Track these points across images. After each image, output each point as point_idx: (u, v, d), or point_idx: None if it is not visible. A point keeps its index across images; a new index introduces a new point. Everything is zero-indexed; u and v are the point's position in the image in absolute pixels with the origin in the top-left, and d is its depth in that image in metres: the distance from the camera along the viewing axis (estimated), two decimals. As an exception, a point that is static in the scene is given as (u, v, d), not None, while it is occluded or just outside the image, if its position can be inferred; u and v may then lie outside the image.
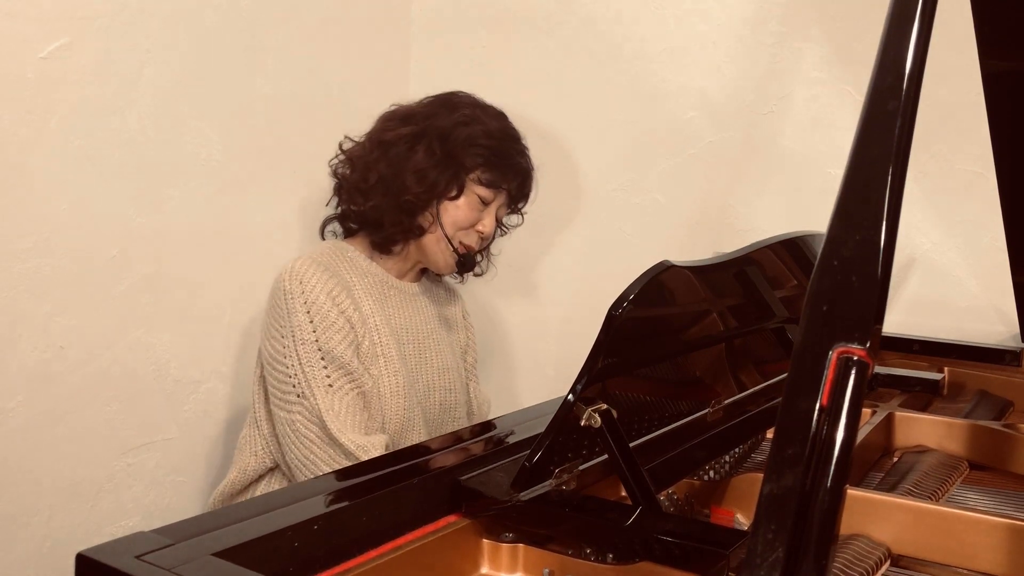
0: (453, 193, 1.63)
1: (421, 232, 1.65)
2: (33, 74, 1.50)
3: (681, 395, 1.21)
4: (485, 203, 1.66)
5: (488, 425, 1.28)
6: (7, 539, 1.54)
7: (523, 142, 1.72)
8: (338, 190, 1.70)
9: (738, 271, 1.22)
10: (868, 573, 0.94)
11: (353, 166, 1.67)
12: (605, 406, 1.00)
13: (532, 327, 2.19)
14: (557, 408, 0.99)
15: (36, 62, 1.51)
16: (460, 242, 1.66)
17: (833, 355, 0.64)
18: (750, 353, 1.36)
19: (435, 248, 1.66)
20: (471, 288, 1.90)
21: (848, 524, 1.01)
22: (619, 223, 2.05)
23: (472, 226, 1.67)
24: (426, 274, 1.78)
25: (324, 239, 1.73)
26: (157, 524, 0.87)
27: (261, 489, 1.59)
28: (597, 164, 2.07)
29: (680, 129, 1.96)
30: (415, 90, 2.07)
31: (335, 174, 1.71)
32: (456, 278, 1.81)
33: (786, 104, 1.86)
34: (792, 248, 1.33)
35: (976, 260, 1.72)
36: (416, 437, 1.61)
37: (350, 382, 1.51)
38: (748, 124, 1.90)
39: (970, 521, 0.98)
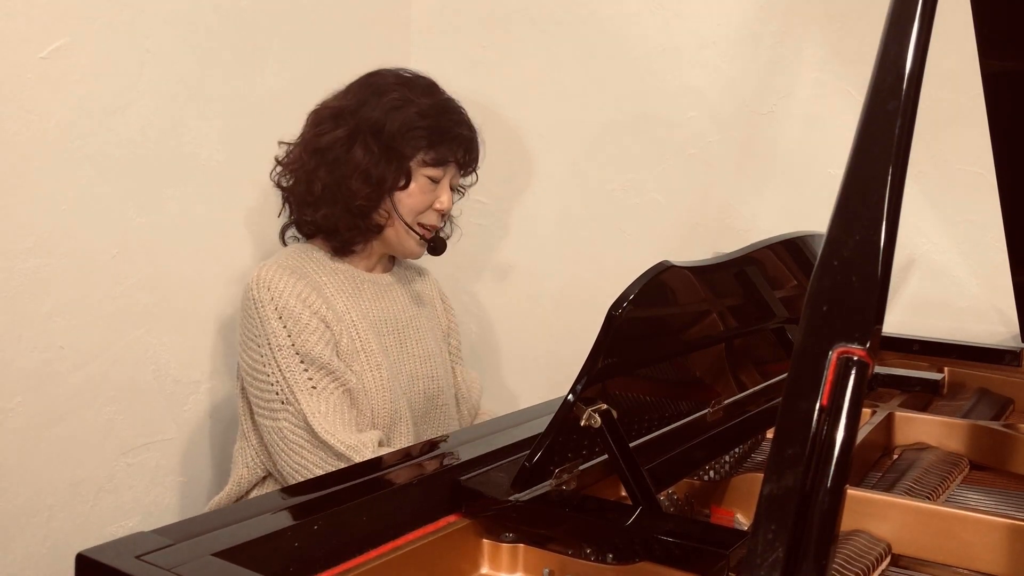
0: (402, 183, 1.59)
1: (379, 229, 1.61)
2: (33, 74, 1.50)
3: (681, 395, 1.21)
4: (436, 181, 1.62)
5: (488, 425, 1.28)
6: (7, 539, 1.54)
7: (458, 107, 1.66)
8: (286, 201, 1.65)
9: (738, 271, 1.22)
10: (868, 569, 0.94)
11: (295, 177, 1.62)
12: (605, 406, 1.00)
13: (532, 327, 2.19)
14: (557, 408, 0.99)
15: (36, 62, 1.51)
16: (420, 224, 1.63)
17: (833, 355, 0.64)
18: (750, 353, 1.36)
19: (398, 239, 1.63)
20: (470, 288, 1.90)
21: (848, 524, 1.01)
22: (619, 223, 2.05)
23: (429, 207, 1.63)
24: (397, 262, 1.74)
25: (286, 244, 1.69)
26: (157, 524, 0.87)
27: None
28: (597, 164, 2.07)
29: (680, 129, 1.96)
30: (415, 90, 2.07)
31: (278, 186, 1.65)
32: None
33: (786, 104, 1.86)
34: (792, 248, 1.33)
35: (976, 260, 1.72)
36: (404, 430, 1.59)
37: (333, 381, 1.48)
38: (748, 124, 1.90)
39: (970, 521, 0.98)
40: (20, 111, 1.49)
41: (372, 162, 1.57)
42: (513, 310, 2.21)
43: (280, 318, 1.48)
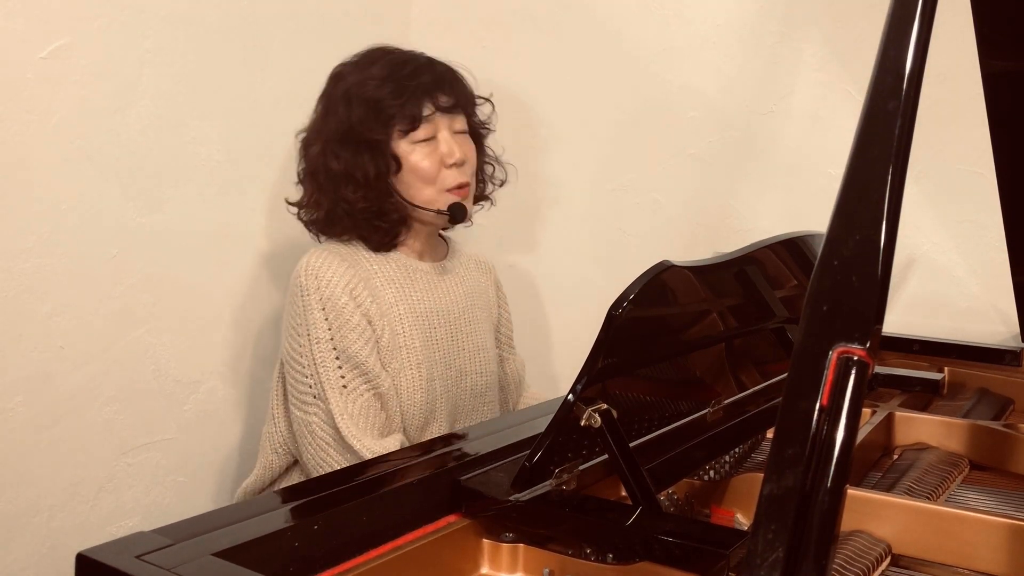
0: (392, 169, 1.53)
1: (403, 220, 1.56)
2: (33, 74, 1.50)
3: (681, 395, 1.21)
4: (430, 141, 1.53)
5: (488, 425, 1.28)
6: (7, 539, 1.54)
7: (414, 56, 1.56)
8: (315, 235, 1.61)
9: (738, 271, 1.22)
10: (868, 569, 0.94)
11: (306, 210, 1.59)
12: (605, 406, 1.00)
13: (532, 327, 2.19)
14: (557, 408, 0.99)
15: (36, 62, 1.51)
16: (448, 190, 1.54)
17: (833, 355, 0.65)
18: (750, 353, 1.36)
19: (423, 221, 1.57)
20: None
21: (848, 524, 1.02)
22: (619, 223, 2.05)
23: (440, 169, 1.54)
24: (453, 249, 1.70)
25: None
26: (157, 524, 0.87)
27: (286, 484, 1.57)
28: (597, 164, 2.07)
29: (680, 129, 1.96)
30: (415, 90, 2.07)
31: (305, 223, 1.61)
32: (469, 223, 1.67)
33: (786, 104, 1.86)
34: (792, 248, 1.33)
35: (976, 260, 1.72)
36: (436, 430, 1.56)
37: (365, 383, 1.47)
38: (748, 124, 1.90)
39: (970, 521, 0.98)
40: (20, 111, 1.49)
41: (349, 165, 1.52)
42: (513, 310, 2.21)
43: (323, 309, 1.46)
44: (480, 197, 1.69)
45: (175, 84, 1.70)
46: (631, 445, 1.01)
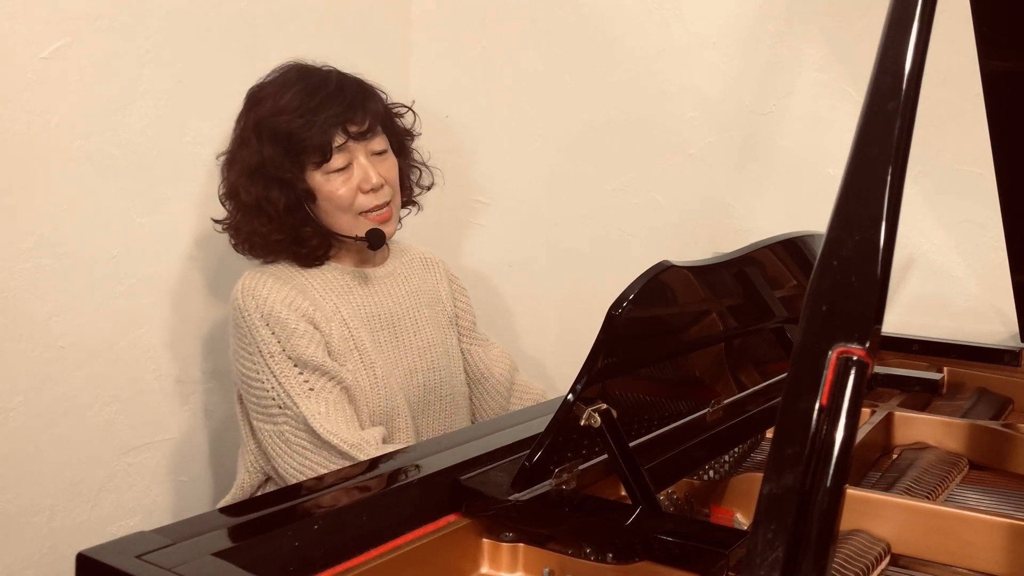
0: (309, 199, 1.53)
1: (324, 241, 1.57)
2: (33, 74, 1.50)
3: (681, 395, 1.21)
4: (344, 170, 1.53)
5: (488, 425, 1.28)
6: (7, 539, 1.54)
7: (324, 78, 1.54)
8: (242, 253, 1.61)
9: (738, 271, 1.22)
10: (868, 569, 0.94)
11: (232, 232, 1.59)
12: (605, 406, 1.00)
13: (532, 327, 2.19)
14: (557, 408, 0.99)
15: (36, 62, 1.51)
16: (362, 213, 1.54)
17: (833, 355, 0.65)
18: (750, 353, 1.36)
19: (347, 247, 1.59)
20: (469, 287, 1.89)
21: (848, 524, 1.02)
22: (619, 223, 2.05)
23: (356, 195, 1.53)
24: (395, 251, 1.71)
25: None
26: (157, 524, 0.87)
27: None
28: (597, 164, 2.07)
29: (680, 129, 1.96)
30: (415, 90, 2.07)
31: (234, 247, 1.61)
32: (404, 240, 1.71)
33: (786, 104, 1.86)
34: (792, 248, 1.34)
35: (976, 260, 1.72)
36: (403, 424, 1.57)
37: (329, 380, 1.47)
38: (748, 124, 1.90)
39: (969, 521, 0.98)
40: (20, 111, 1.49)
41: (259, 198, 1.52)
42: (513, 309, 2.21)
43: (267, 324, 1.47)
44: (407, 203, 1.70)
45: (175, 84, 1.70)
46: (631, 445, 1.01)
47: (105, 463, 1.67)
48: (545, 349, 2.18)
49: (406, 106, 1.68)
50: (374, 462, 1.08)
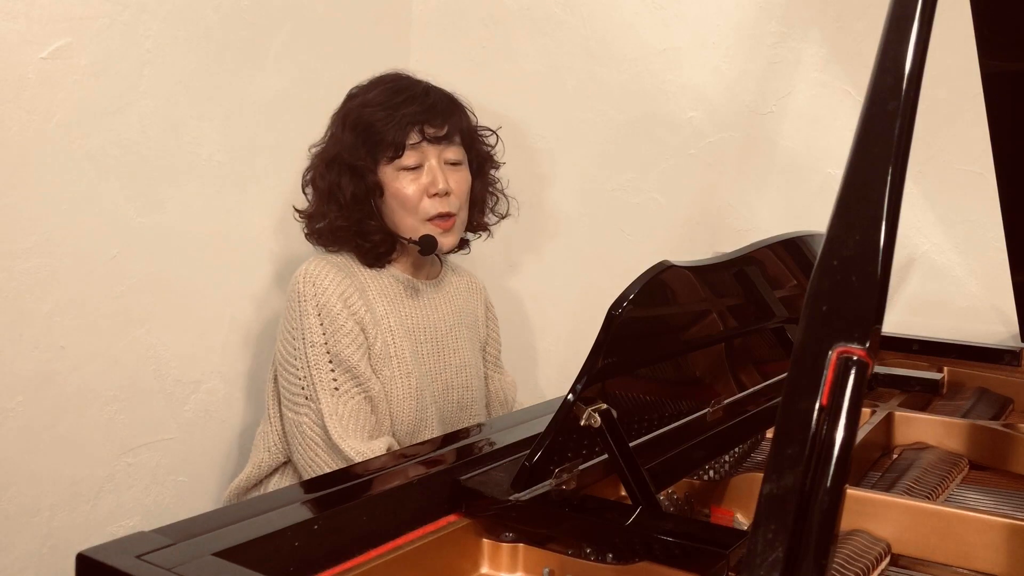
0: (378, 193, 1.57)
1: (386, 240, 1.59)
2: (33, 74, 1.50)
3: (681, 395, 1.21)
4: (415, 169, 1.57)
5: (488, 425, 1.28)
6: (7, 539, 1.54)
7: (411, 83, 1.60)
8: (314, 243, 1.65)
9: (738, 271, 1.22)
10: (868, 569, 0.94)
11: (310, 219, 1.64)
12: (605, 406, 1.00)
13: (532, 327, 2.19)
14: (557, 408, 0.99)
15: (36, 62, 1.51)
16: (426, 219, 1.57)
17: (833, 355, 0.64)
18: (750, 353, 1.36)
19: (403, 248, 1.62)
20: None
21: (848, 524, 1.02)
22: (619, 223, 2.05)
23: (422, 198, 1.56)
24: (447, 268, 1.75)
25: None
26: (157, 524, 0.87)
27: (274, 484, 1.60)
28: (597, 164, 2.07)
29: (680, 129, 1.96)
30: (415, 90, 2.07)
31: (307, 237, 1.66)
32: (463, 251, 1.74)
33: (786, 104, 1.86)
34: (792, 248, 1.34)
35: (976, 260, 1.72)
36: (430, 436, 1.60)
37: (356, 387, 1.51)
38: (748, 124, 1.90)
39: (970, 521, 0.98)
40: (20, 111, 1.49)
41: (331, 185, 1.57)
42: (513, 309, 2.21)
43: (319, 315, 1.50)
44: (478, 227, 1.73)
45: (175, 84, 1.70)
46: (631, 445, 1.01)
47: (105, 463, 1.67)
48: (545, 349, 2.19)
49: (491, 130, 1.72)
50: (374, 462, 1.08)
